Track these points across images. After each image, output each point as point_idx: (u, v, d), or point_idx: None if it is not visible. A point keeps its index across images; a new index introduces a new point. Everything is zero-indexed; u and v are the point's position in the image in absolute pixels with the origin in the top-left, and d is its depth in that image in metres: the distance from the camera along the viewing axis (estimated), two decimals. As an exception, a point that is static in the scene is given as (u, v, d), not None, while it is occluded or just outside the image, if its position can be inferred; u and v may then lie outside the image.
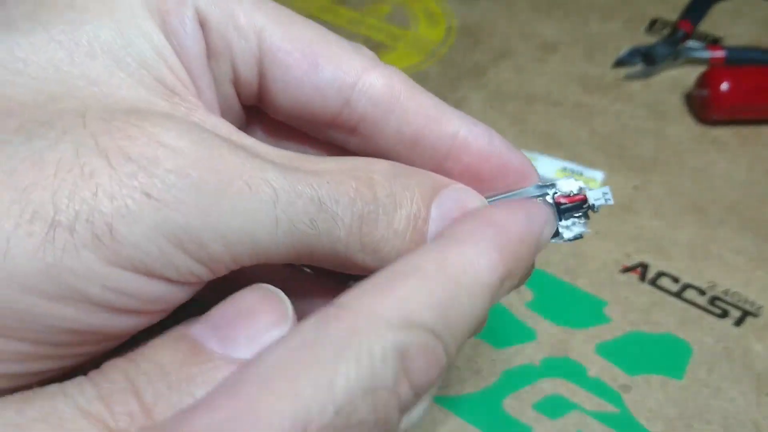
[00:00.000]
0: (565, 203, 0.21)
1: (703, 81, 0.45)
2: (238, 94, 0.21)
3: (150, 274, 0.15)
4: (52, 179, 0.14)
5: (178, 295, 0.17)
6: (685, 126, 0.46)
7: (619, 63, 0.49)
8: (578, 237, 0.22)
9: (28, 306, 0.14)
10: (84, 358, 0.16)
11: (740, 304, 0.36)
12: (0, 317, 0.14)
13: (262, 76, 0.20)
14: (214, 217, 0.16)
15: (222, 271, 0.17)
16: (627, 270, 0.37)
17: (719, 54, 0.48)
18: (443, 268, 0.17)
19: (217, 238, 0.16)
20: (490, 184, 0.21)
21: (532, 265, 0.20)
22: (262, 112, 0.21)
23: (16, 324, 0.14)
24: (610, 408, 0.32)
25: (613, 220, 0.40)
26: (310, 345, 0.15)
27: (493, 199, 0.21)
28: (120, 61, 0.17)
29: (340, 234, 0.18)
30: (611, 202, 0.22)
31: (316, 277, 0.22)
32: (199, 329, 0.17)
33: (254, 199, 0.16)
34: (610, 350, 0.34)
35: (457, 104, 0.46)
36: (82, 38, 0.17)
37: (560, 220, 0.21)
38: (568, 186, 0.21)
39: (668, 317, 0.35)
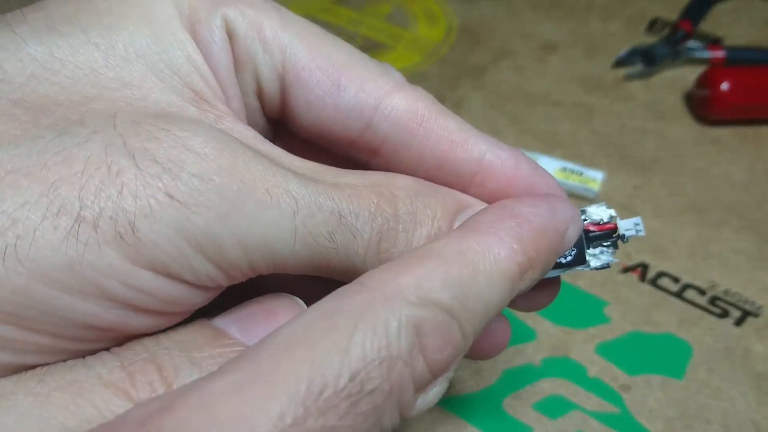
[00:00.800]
0: (595, 231, 0.21)
1: (703, 81, 0.45)
2: (263, 107, 0.21)
3: (168, 274, 0.16)
4: (80, 175, 0.15)
5: (195, 299, 0.17)
6: (685, 126, 0.46)
7: (619, 63, 0.49)
8: (605, 266, 0.21)
9: (48, 298, 0.14)
10: (100, 349, 0.17)
11: (740, 304, 0.36)
12: (20, 307, 0.14)
13: (284, 92, 0.20)
14: (234, 222, 0.16)
15: (239, 278, 0.17)
16: (627, 270, 0.37)
17: (719, 54, 0.48)
18: (462, 253, 0.17)
19: (235, 243, 0.16)
20: None
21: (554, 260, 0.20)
22: (287, 126, 0.22)
23: (35, 315, 0.14)
24: (610, 408, 0.32)
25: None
26: (328, 315, 0.16)
27: None
28: (153, 66, 0.18)
29: (358, 249, 0.18)
30: (642, 233, 0.21)
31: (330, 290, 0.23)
32: (221, 320, 0.18)
33: (275, 209, 0.16)
34: (610, 350, 0.34)
35: (457, 104, 0.46)
36: (118, 43, 0.17)
37: (588, 248, 0.21)
38: (598, 214, 0.21)
39: (668, 317, 0.35)
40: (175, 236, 0.15)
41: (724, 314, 0.35)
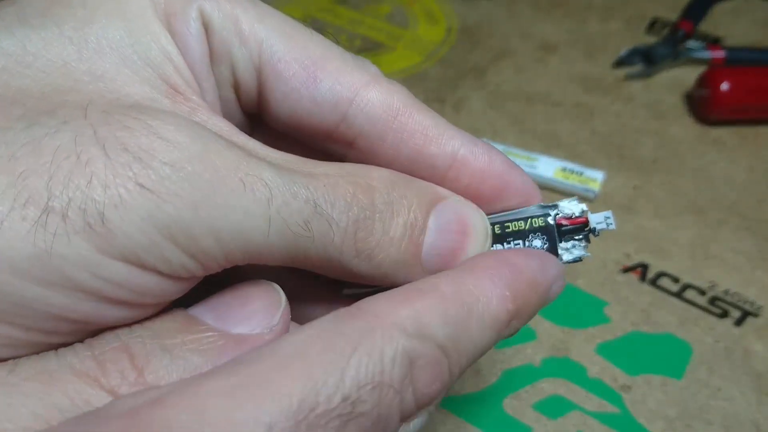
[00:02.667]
0: (566, 225, 0.21)
1: (703, 81, 0.45)
2: (239, 100, 0.21)
3: (141, 265, 0.15)
4: (48, 166, 0.14)
5: (169, 290, 0.17)
6: (685, 126, 0.46)
7: (619, 63, 0.49)
8: (577, 260, 0.22)
9: (18, 289, 0.14)
10: (74, 341, 0.17)
11: (740, 304, 0.36)
12: None
13: (261, 85, 0.20)
14: (206, 211, 0.16)
15: (214, 268, 0.17)
16: (627, 270, 0.37)
17: (719, 54, 0.48)
18: (459, 294, 0.18)
19: (208, 232, 0.16)
20: (491, 204, 0.21)
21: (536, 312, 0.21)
22: (264, 120, 0.22)
23: (5, 307, 0.14)
24: (610, 408, 0.32)
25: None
26: (326, 335, 0.16)
27: (493, 217, 0.21)
28: (126, 58, 0.18)
29: (335, 238, 0.18)
30: (613, 227, 0.21)
31: (312, 284, 0.23)
32: (196, 309, 0.18)
33: (248, 197, 0.16)
34: (610, 350, 0.34)
35: (457, 104, 0.46)
36: (91, 35, 0.17)
37: (560, 242, 0.21)
38: (570, 208, 0.21)
39: (668, 317, 0.35)
40: (146, 226, 0.15)
41: (724, 314, 0.35)
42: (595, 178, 0.41)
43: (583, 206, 0.21)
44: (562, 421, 0.31)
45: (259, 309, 0.18)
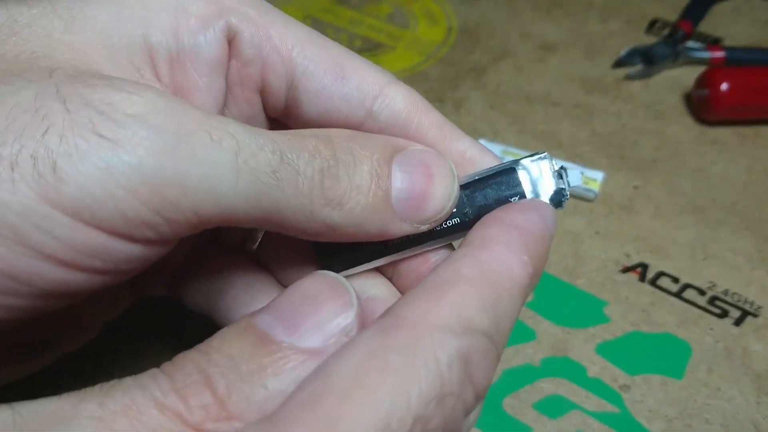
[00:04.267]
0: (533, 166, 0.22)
1: (703, 81, 0.45)
2: (265, 104, 0.22)
3: (95, 222, 0.15)
4: (4, 118, 0.15)
5: (134, 254, 0.16)
6: (685, 126, 0.46)
7: (619, 63, 0.49)
8: (563, 192, 0.21)
9: None
10: (31, 314, 0.16)
11: (740, 304, 0.36)
12: None
13: (291, 86, 0.21)
14: (171, 161, 0.15)
15: (184, 227, 0.17)
16: (627, 270, 0.37)
17: (719, 54, 0.48)
18: (485, 274, 0.18)
19: (174, 184, 0.15)
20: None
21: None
22: (289, 123, 0.23)
23: None
24: (610, 408, 0.32)
25: (613, 220, 0.40)
26: (377, 354, 0.15)
27: (466, 178, 0.22)
28: (107, 39, 0.18)
29: (303, 188, 0.18)
30: (579, 182, 0.21)
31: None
32: (264, 320, 0.17)
33: (215, 148, 0.16)
34: (610, 350, 0.34)
35: (457, 104, 0.46)
36: (79, 14, 0.18)
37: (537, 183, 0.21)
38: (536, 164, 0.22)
39: (668, 317, 0.35)
40: (102, 176, 0.15)
41: (724, 314, 0.35)
42: (595, 178, 0.41)
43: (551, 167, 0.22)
44: (562, 421, 0.31)
45: (331, 313, 0.17)
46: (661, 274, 0.37)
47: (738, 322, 0.35)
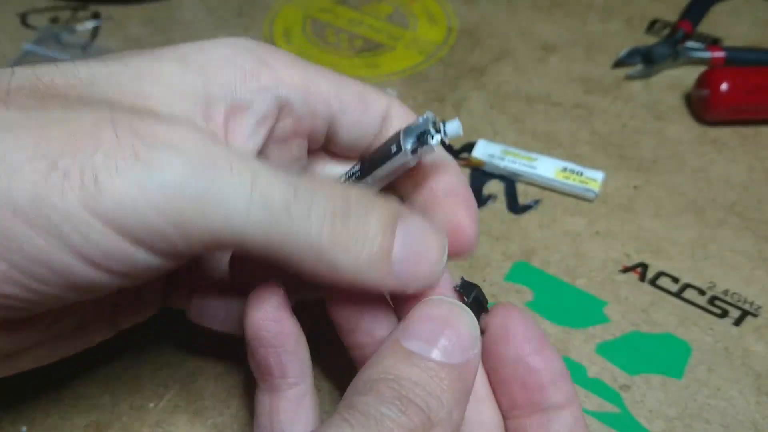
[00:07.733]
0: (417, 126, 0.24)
1: (703, 81, 0.45)
2: (309, 143, 0.26)
3: (122, 231, 0.18)
4: (67, 136, 0.18)
5: (150, 263, 0.19)
6: (685, 126, 0.46)
7: (619, 63, 0.49)
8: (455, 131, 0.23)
9: (13, 226, 0.17)
10: (54, 302, 0.19)
11: (740, 304, 0.36)
12: None
13: (331, 125, 0.26)
14: (193, 184, 0.18)
15: (196, 244, 0.19)
16: (627, 270, 0.37)
17: (719, 54, 0.48)
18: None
19: (193, 204, 0.18)
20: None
21: None
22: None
23: (0, 241, 0.17)
24: (609, 407, 0.32)
25: (613, 220, 0.40)
26: None
27: (369, 177, 0.25)
28: (168, 88, 0.22)
29: (314, 225, 0.19)
30: (458, 131, 0.23)
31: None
32: (412, 343, 0.21)
33: (234, 178, 0.18)
34: (609, 350, 0.34)
35: (457, 104, 0.46)
36: (146, 69, 0.22)
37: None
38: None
39: (668, 317, 0.35)
40: (134, 192, 0.17)
41: (724, 314, 0.35)
42: (595, 179, 0.41)
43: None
44: (562, 421, 0.31)
45: (467, 336, 0.21)
46: (661, 274, 0.37)
47: (738, 322, 0.35)
